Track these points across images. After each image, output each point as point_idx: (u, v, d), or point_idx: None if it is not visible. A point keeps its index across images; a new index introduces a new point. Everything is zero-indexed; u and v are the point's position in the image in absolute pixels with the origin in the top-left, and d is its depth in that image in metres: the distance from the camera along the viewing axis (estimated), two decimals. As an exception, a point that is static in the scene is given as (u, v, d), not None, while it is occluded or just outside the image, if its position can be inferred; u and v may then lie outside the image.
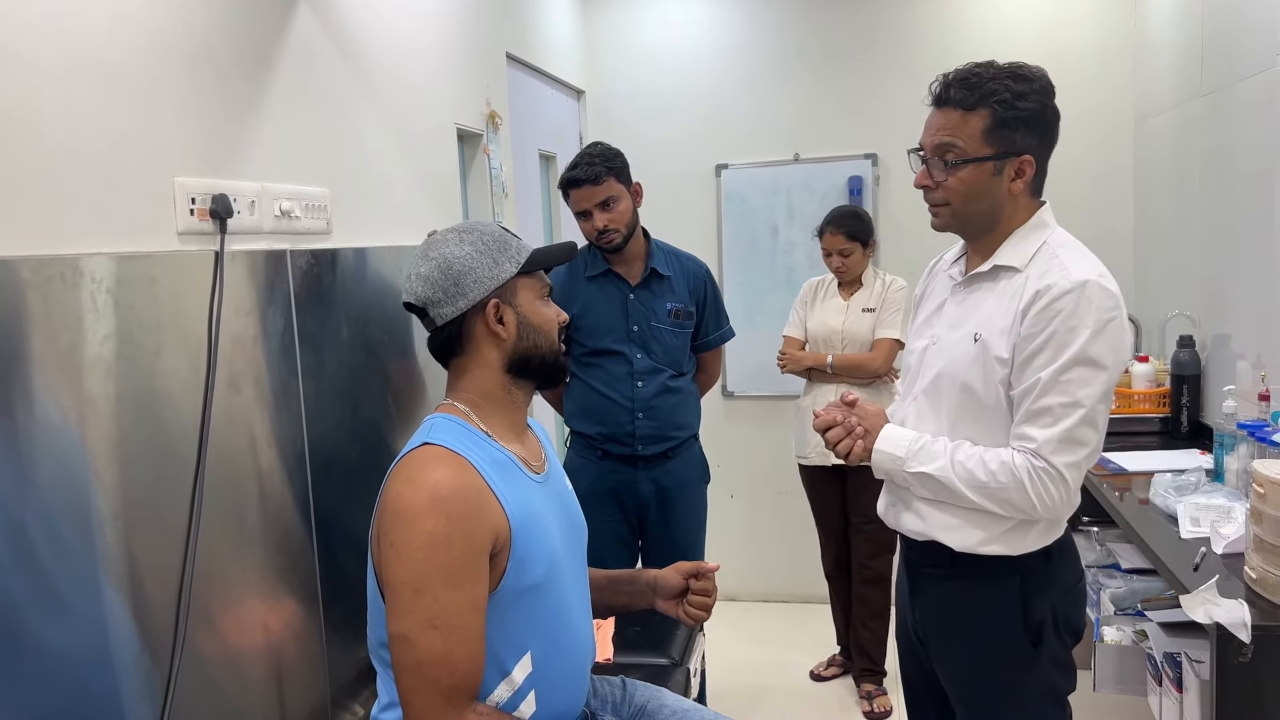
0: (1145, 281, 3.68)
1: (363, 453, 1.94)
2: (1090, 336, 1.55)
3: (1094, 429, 1.59)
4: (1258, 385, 2.49)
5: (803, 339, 3.37)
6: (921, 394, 1.76)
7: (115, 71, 1.37)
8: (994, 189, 1.65)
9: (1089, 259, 1.63)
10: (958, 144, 1.64)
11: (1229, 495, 2.23)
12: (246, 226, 1.62)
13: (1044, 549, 1.67)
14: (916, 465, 1.67)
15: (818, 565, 3.63)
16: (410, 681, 1.38)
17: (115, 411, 1.32)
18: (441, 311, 1.57)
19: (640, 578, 1.84)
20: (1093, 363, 1.56)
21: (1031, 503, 1.59)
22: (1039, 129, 1.64)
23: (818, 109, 4.04)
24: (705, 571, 1.80)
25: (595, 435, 2.68)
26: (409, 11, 2.35)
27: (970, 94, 1.63)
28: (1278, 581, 1.73)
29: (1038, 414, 1.58)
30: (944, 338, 1.75)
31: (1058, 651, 1.69)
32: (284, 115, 1.77)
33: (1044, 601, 1.67)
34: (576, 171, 2.56)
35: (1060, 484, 1.58)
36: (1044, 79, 1.65)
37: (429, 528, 1.39)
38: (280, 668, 1.68)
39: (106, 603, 1.30)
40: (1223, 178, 2.89)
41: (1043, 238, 1.66)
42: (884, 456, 1.71)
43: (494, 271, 1.56)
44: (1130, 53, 3.75)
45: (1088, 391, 1.56)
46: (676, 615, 1.79)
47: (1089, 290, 1.56)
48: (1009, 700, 1.71)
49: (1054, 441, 1.57)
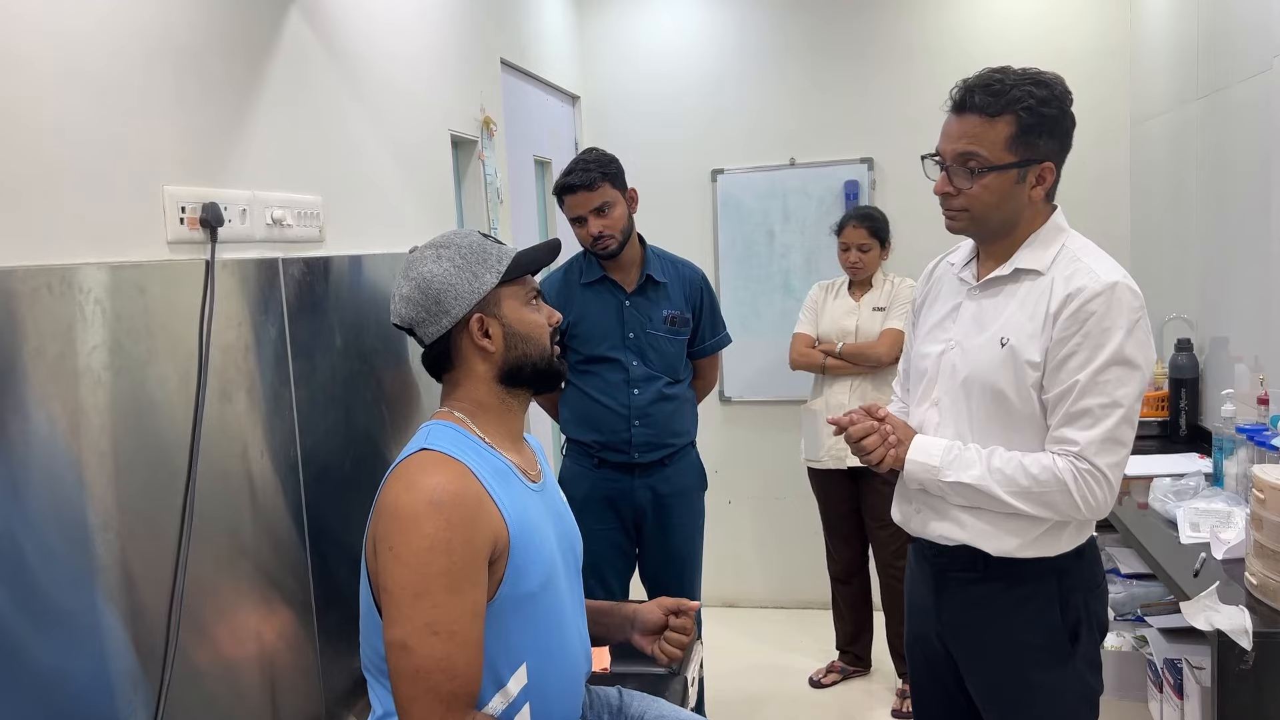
0: (1142, 284, 3.60)
1: (356, 461, 1.93)
2: (1124, 337, 1.58)
3: (1132, 427, 1.62)
4: (1256, 389, 2.48)
5: (814, 336, 3.38)
6: (945, 398, 1.75)
7: (103, 80, 1.36)
8: (1016, 196, 1.66)
9: (1110, 261, 1.66)
10: (981, 152, 1.63)
11: (1229, 500, 2.22)
12: (238, 235, 1.61)
13: (1076, 548, 1.68)
14: (952, 474, 1.67)
15: (816, 571, 3.62)
16: (409, 689, 1.36)
17: (105, 422, 1.30)
18: (427, 331, 1.56)
19: (620, 610, 1.81)
20: (1128, 362, 1.58)
21: (1076, 504, 1.60)
22: (1059, 135, 1.65)
23: (813, 114, 4.04)
24: (686, 610, 1.76)
25: (591, 443, 2.67)
26: (402, 18, 2.34)
27: (995, 100, 1.62)
28: (1278, 587, 1.72)
29: (1077, 416, 1.60)
30: (965, 342, 1.73)
31: (1090, 650, 1.71)
32: (276, 123, 1.76)
33: (1078, 600, 1.69)
34: (571, 178, 2.55)
35: (1105, 484, 1.60)
36: (1061, 85, 1.66)
37: (428, 532, 1.37)
38: (274, 678, 1.66)
39: (98, 613, 1.29)
40: (1219, 180, 2.89)
41: (1061, 241, 1.68)
42: (917, 466, 1.71)
43: (474, 285, 1.54)
44: (1126, 55, 3.75)
45: (1125, 391, 1.59)
46: (650, 652, 1.75)
47: (1119, 291, 1.59)
48: (1044, 701, 1.70)
49: (1096, 443, 1.58)
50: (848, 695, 3.47)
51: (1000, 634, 1.72)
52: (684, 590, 2.73)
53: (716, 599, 4.21)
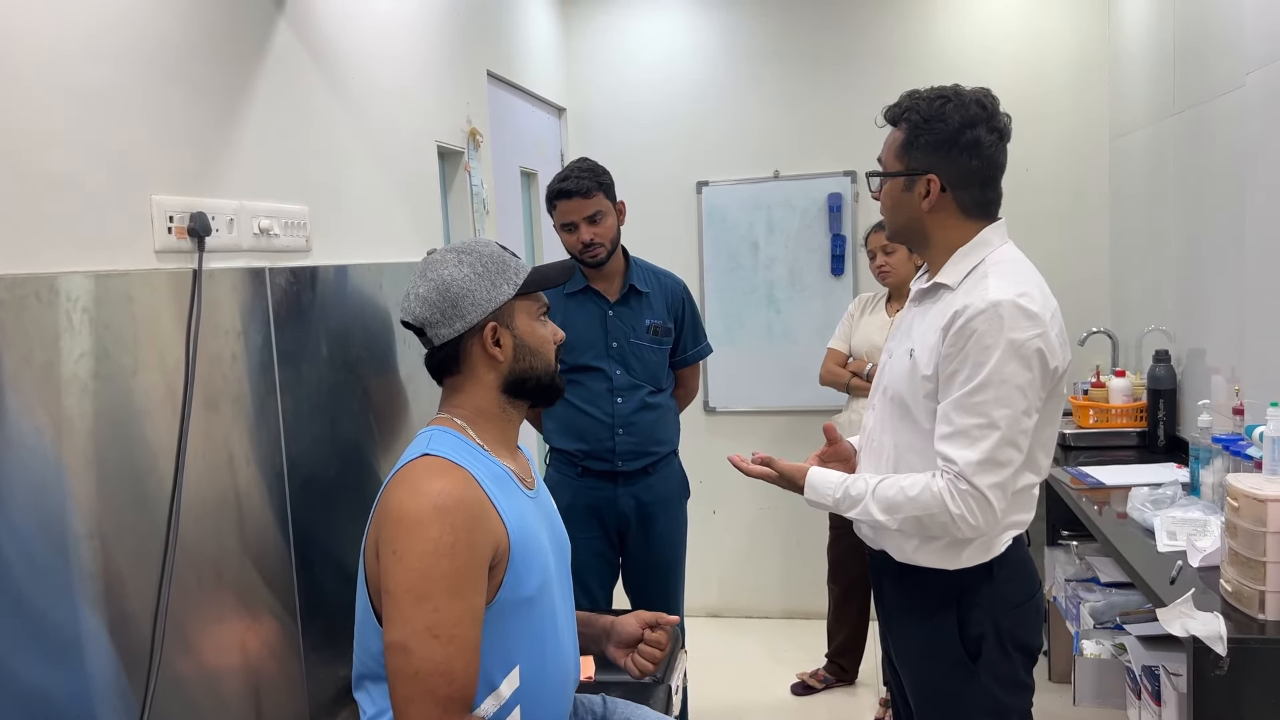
0: (1122, 296, 3.72)
1: (343, 470, 1.93)
2: (1002, 358, 1.56)
3: (1015, 448, 1.59)
4: (1232, 399, 2.51)
5: (846, 353, 3.37)
6: (878, 403, 1.82)
7: (92, 89, 1.37)
8: (906, 204, 1.72)
9: (1015, 279, 1.62)
10: (882, 159, 1.75)
11: (1205, 509, 2.25)
12: (225, 244, 1.62)
13: (984, 565, 1.69)
14: (845, 510, 1.73)
15: (801, 580, 3.63)
16: (407, 690, 1.38)
17: (91, 430, 1.31)
18: (439, 333, 1.58)
19: (597, 621, 1.82)
20: (1005, 383, 1.56)
21: (955, 523, 1.60)
22: (946, 152, 1.66)
23: (797, 127, 4.07)
24: (664, 624, 1.77)
25: (575, 452, 2.68)
26: (389, 29, 2.36)
27: (894, 111, 1.73)
28: (1253, 594, 1.75)
29: (956, 435, 1.60)
30: (895, 350, 1.81)
31: (1001, 668, 1.70)
32: (263, 133, 1.77)
33: (984, 617, 1.69)
34: (567, 183, 2.57)
35: (984, 504, 1.59)
36: (973, 105, 1.66)
37: (433, 535, 1.39)
38: (258, 687, 1.66)
39: (82, 622, 1.29)
40: (1196, 195, 2.93)
41: (981, 256, 1.68)
42: (814, 504, 1.77)
43: (492, 294, 1.57)
44: (1105, 69, 3.80)
45: (1004, 413, 1.57)
46: (624, 665, 1.76)
47: (1002, 310, 1.56)
48: (951, 712, 1.73)
49: (974, 464, 1.58)
50: (832, 703, 3.48)
51: (912, 639, 1.77)
52: (667, 599, 2.74)
53: (701, 609, 4.22)
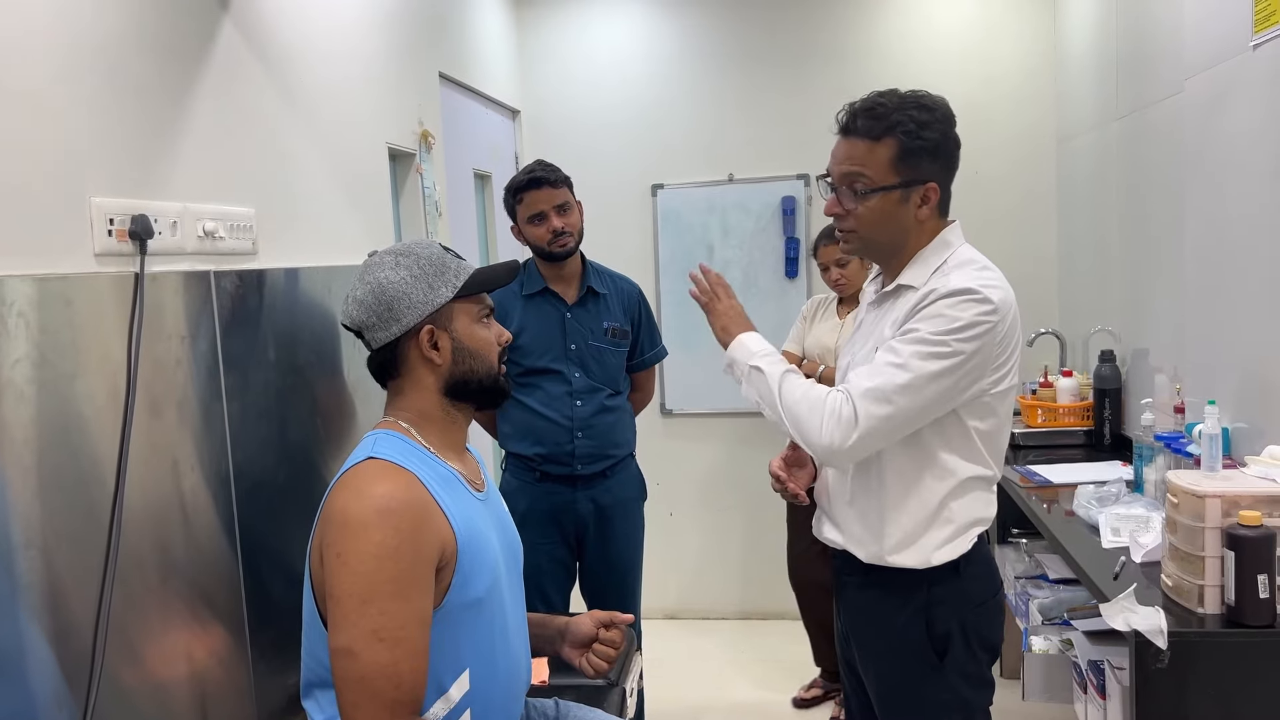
0: (1069, 297, 3.79)
1: (291, 475, 1.91)
2: (953, 329, 1.58)
3: (911, 399, 1.59)
4: (1174, 398, 2.57)
5: (799, 355, 3.38)
6: None
7: (24, 90, 1.34)
8: (901, 216, 1.69)
9: (977, 273, 1.65)
10: (866, 174, 1.67)
11: (1148, 505, 2.30)
12: (168, 247, 1.59)
13: (952, 563, 1.70)
14: (759, 361, 1.72)
15: (759, 582, 3.63)
16: (353, 695, 1.36)
17: (29, 437, 1.28)
18: (376, 336, 1.56)
19: (552, 623, 1.82)
20: (943, 345, 1.58)
21: (819, 430, 1.62)
22: (942, 156, 1.69)
23: (751, 130, 4.10)
24: (619, 623, 1.77)
25: (533, 456, 2.66)
26: (338, 30, 2.33)
27: (877, 124, 1.66)
28: (1192, 588, 1.79)
29: (869, 364, 1.65)
30: (856, 353, 1.81)
31: (966, 665, 1.72)
32: (208, 134, 1.74)
33: (951, 614, 1.70)
34: (537, 173, 2.58)
35: (852, 426, 1.60)
36: (945, 108, 1.70)
37: (377, 539, 1.37)
38: (206, 696, 1.64)
39: (21, 633, 1.26)
40: (1139, 199, 2.99)
41: (944, 256, 1.70)
42: (742, 350, 1.75)
43: (428, 297, 1.55)
44: (1052, 74, 3.87)
45: (922, 366, 1.58)
46: (579, 665, 1.76)
47: (967, 294, 1.60)
48: (917, 710, 1.74)
49: (865, 388, 1.61)
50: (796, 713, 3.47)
51: (878, 639, 1.77)
52: (624, 601, 2.74)
53: (658, 611, 4.22)
